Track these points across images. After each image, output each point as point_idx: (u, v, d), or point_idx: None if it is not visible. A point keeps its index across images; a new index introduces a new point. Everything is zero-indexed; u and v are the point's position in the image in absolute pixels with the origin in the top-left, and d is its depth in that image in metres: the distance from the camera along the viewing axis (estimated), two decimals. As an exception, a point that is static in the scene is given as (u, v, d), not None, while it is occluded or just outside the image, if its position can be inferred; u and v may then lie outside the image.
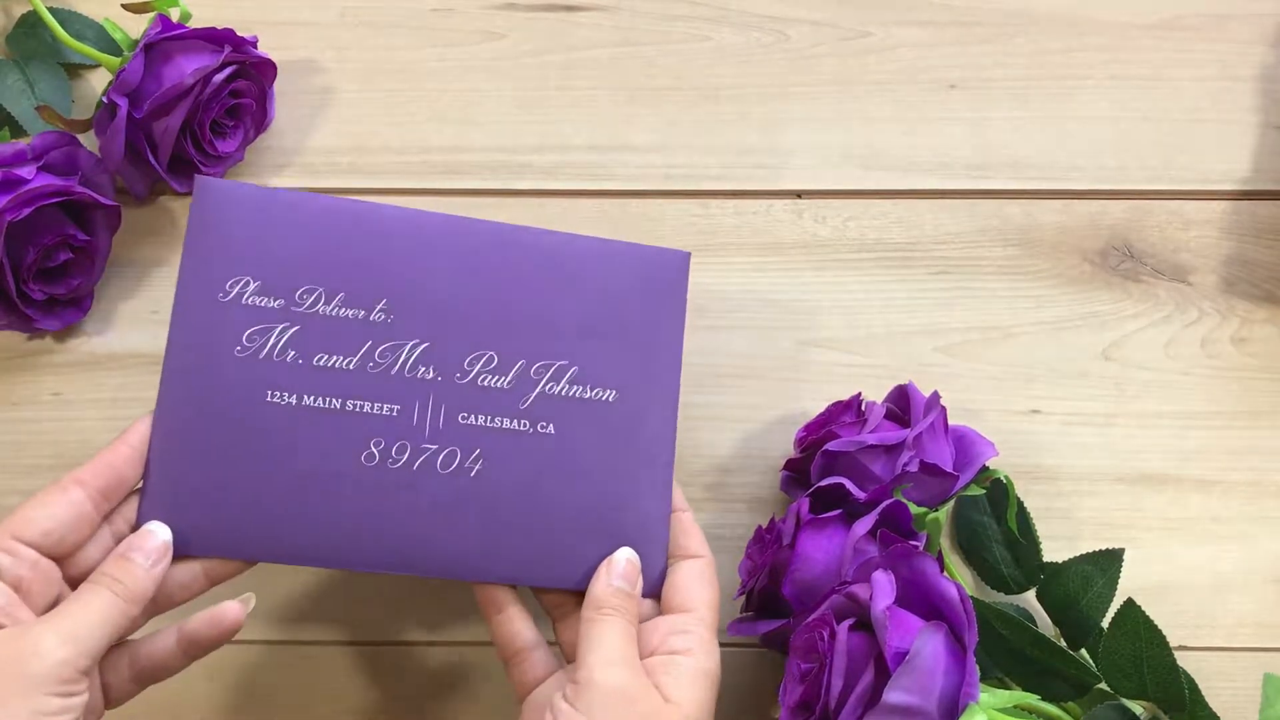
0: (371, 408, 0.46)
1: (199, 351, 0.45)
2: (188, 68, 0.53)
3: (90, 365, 0.56)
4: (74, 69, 0.59)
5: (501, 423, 0.47)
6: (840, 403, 0.52)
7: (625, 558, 0.47)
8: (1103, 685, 0.47)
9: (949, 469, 0.49)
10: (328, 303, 0.46)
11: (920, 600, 0.43)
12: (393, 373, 0.46)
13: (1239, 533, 0.54)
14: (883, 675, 0.41)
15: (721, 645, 0.44)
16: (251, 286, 0.46)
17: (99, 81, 0.59)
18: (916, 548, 0.44)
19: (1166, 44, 0.60)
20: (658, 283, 0.49)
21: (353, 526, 0.45)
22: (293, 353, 0.46)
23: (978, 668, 0.41)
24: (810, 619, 0.44)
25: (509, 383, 0.47)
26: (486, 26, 0.61)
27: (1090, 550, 0.50)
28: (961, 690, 0.40)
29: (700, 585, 0.46)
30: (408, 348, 0.47)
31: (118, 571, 0.42)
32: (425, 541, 0.46)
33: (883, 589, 0.42)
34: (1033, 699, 0.46)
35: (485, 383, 0.47)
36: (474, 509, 0.46)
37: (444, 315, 0.47)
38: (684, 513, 0.48)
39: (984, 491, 0.52)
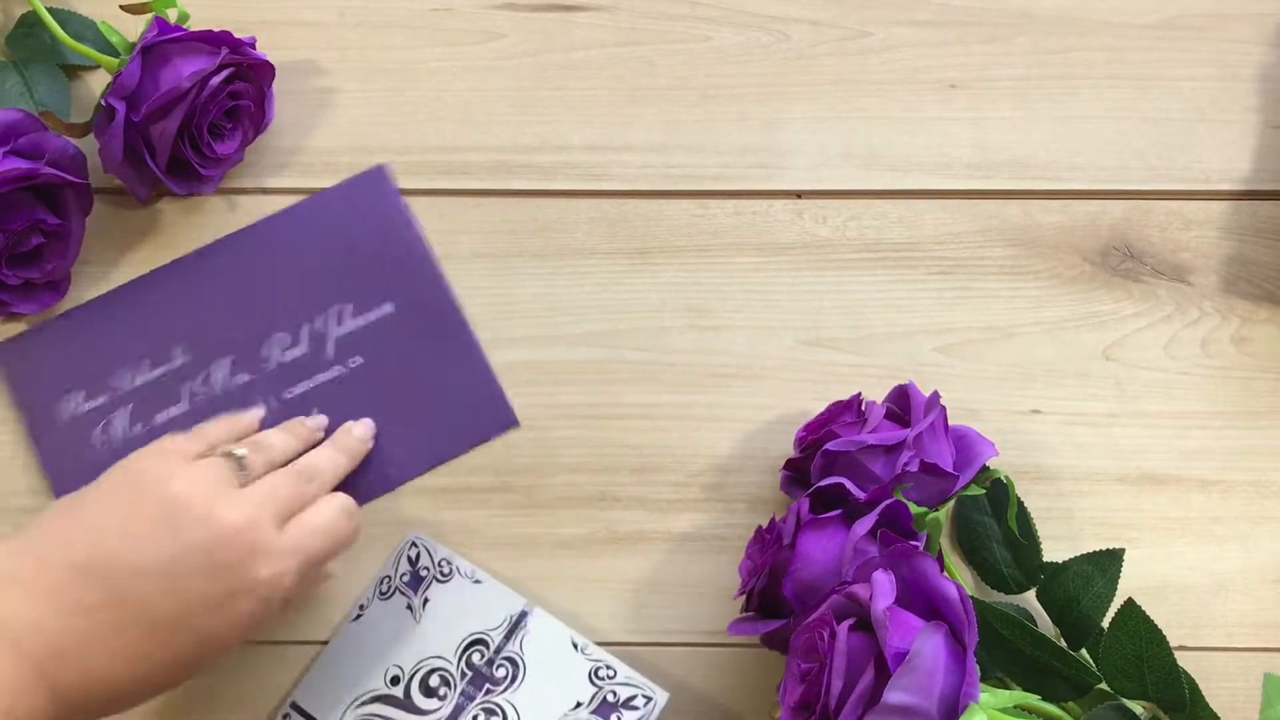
0: None
1: (70, 460, 0.54)
2: (185, 70, 0.53)
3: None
4: (73, 70, 0.59)
5: (319, 378, 0.55)
6: (840, 402, 0.52)
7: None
8: (1103, 685, 0.47)
9: (949, 469, 0.49)
10: (140, 372, 0.55)
11: (920, 600, 0.43)
12: (218, 392, 0.55)
13: (1239, 533, 0.54)
14: (883, 675, 0.41)
15: (721, 645, 0.44)
16: (79, 396, 0.55)
17: (98, 83, 0.59)
18: (916, 548, 0.43)
19: (1166, 44, 0.60)
20: (371, 203, 0.57)
21: None
22: (139, 424, 0.54)
23: (978, 668, 0.41)
24: (810, 619, 0.44)
25: (306, 347, 0.55)
26: (486, 26, 0.61)
27: (1091, 550, 0.50)
28: (961, 690, 0.40)
29: None
30: (215, 370, 0.55)
31: None
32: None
33: (883, 589, 0.42)
34: (1033, 699, 0.46)
35: (288, 358, 0.55)
36: None
37: (227, 328, 0.56)
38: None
39: (984, 491, 0.51)
